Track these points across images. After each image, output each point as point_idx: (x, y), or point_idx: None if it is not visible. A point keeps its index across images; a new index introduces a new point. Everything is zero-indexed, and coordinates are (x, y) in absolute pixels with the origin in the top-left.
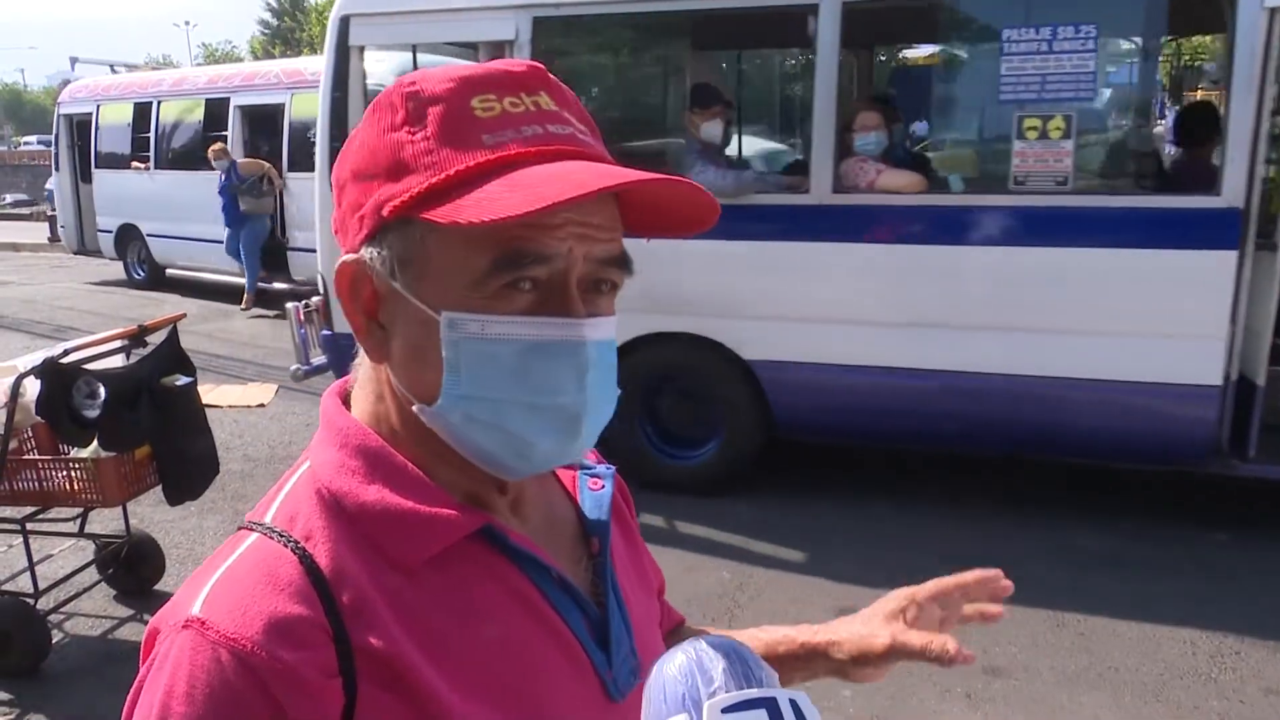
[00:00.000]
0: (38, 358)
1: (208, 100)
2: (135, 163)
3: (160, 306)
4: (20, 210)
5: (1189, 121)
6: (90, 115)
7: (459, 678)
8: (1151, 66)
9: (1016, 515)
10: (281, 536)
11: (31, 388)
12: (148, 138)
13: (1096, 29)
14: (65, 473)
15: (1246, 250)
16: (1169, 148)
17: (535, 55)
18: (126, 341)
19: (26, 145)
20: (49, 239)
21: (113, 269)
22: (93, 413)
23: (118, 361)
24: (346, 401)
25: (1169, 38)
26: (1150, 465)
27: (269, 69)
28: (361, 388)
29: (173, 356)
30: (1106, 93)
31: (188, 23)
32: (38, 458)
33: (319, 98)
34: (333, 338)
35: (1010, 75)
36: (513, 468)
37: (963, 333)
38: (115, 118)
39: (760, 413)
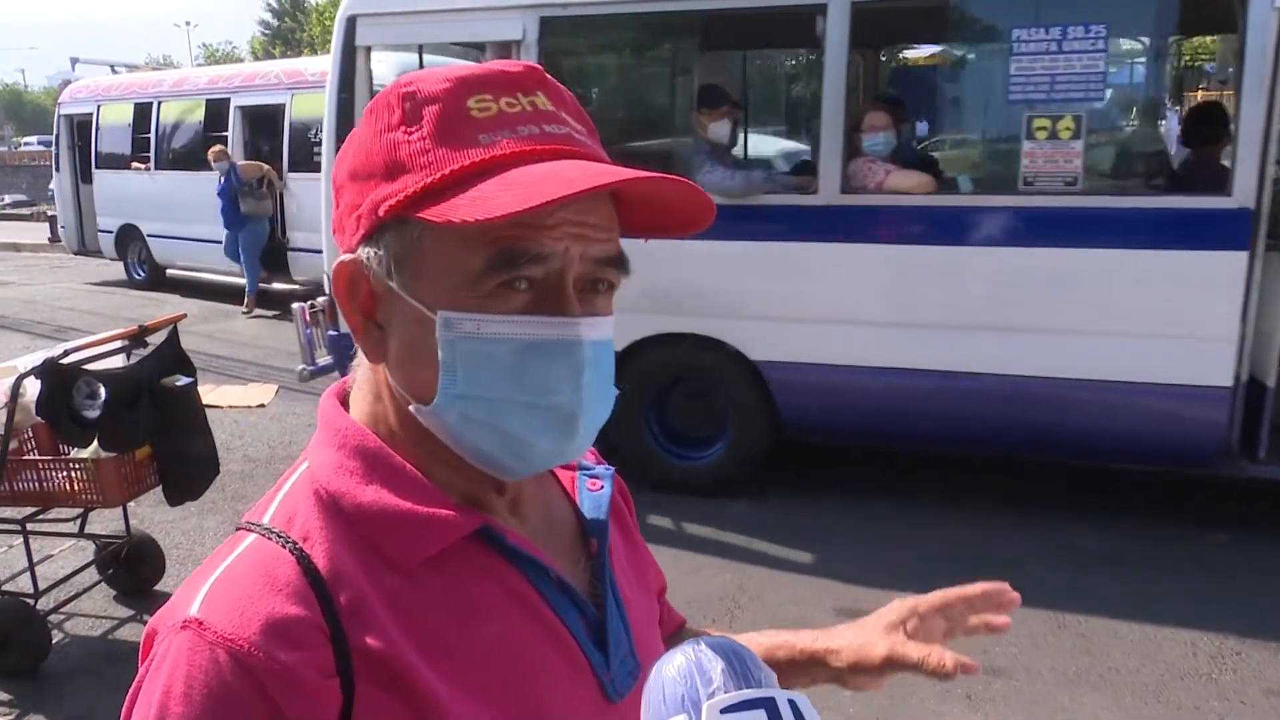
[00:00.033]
0: (38, 358)
1: (208, 101)
2: (136, 163)
3: (161, 307)
4: (20, 210)
5: (1197, 121)
6: (91, 116)
7: (456, 678)
8: (1161, 66)
9: (1016, 515)
10: (279, 537)
11: (32, 388)
12: (148, 138)
13: (1106, 29)
14: (65, 473)
15: (1257, 251)
16: (1173, 148)
17: (542, 55)
18: (127, 342)
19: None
20: (49, 239)
21: (113, 269)
22: (93, 413)
23: (118, 362)
24: (345, 402)
25: (1178, 37)
26: (1160, 467)
27: (269, 69)
28: (360, 388)
29: (173, 357)
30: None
31: (188, 23)
32: (38, 458)
33: (325, 98)
34: (339, 338)
35: (1019, 75)
36: (510, 468)
37: (971, 333)
38: (116, 118)
39: (768, 414)
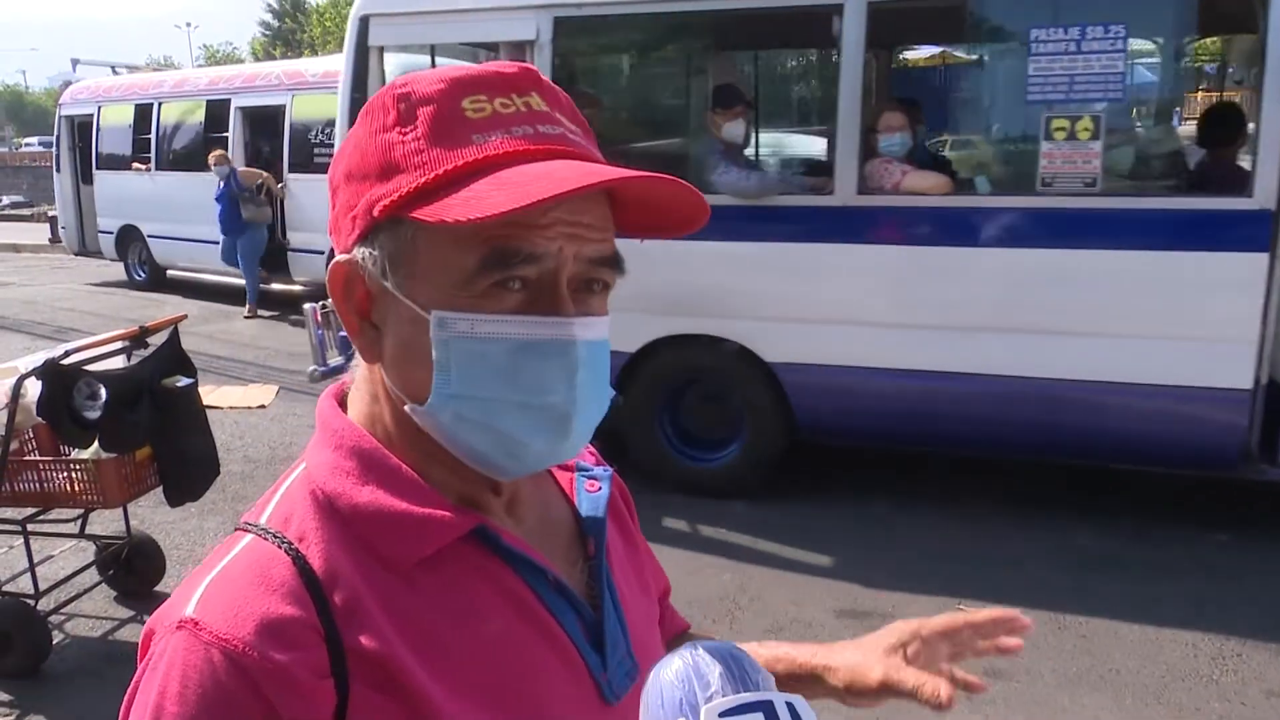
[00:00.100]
0: (39, 359)
1: (209, 102)
2: (136, 164)
3: (161, 308)
4: (20, 211)
5: (1212, 123)
6: (91, 116)
7: (451, 679)
8: (1179, 67)
9: (1016, 515)
10: (275, 538)
11: (32, 389)
12: (149, 139)
13: (1125, 29)
14: (66, 474)
15: (1278, 252)
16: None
17: (556, 55)
18: (127, 343)
19: (28, 146)
20: (50, 240)
21: (113, 270)
22: (93, 414)
23: (119, 363)
24: (343, 404)
25: (1196, 37)
26: (1179, 470)
27: (270, 70)
28: (357, 389)
29: (174, 358)
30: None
31: (189, 24)
32: (38, 459)
33: (338, 99)
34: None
35: (1038, 75)
36: (504, 468)
37: (987, 335)
38: (116, 119)
39: (783, 416)
